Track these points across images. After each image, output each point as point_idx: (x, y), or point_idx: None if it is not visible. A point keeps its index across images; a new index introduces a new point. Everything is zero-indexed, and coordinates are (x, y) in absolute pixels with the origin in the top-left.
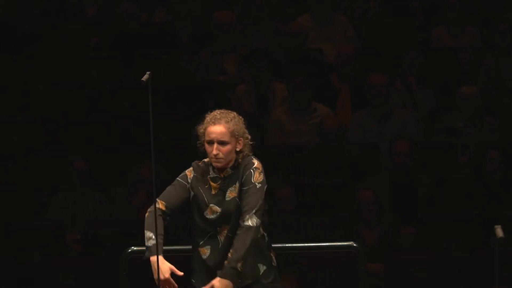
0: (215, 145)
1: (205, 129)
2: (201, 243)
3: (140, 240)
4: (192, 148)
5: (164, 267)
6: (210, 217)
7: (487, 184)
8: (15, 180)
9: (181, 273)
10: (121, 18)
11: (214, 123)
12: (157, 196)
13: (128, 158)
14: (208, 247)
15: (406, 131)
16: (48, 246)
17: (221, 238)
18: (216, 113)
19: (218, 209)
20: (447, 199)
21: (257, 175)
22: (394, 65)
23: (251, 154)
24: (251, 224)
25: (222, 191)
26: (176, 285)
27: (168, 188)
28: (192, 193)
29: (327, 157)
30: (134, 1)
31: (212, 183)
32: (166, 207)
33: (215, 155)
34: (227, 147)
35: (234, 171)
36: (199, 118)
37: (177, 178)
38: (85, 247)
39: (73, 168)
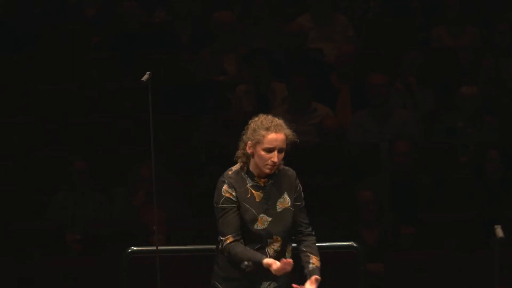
0: (276, 153)
1: (263, 136)
2: None
3: (140, 240)
4: (192, 148)
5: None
6: (260, 227)
7: (487, 184)
8: (15, 180)
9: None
10: (121, 18)
11: (276, 131)
12: (157, 195)
13: (128, 158)
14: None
15: (406, 131)
16: (48, 246)
17: (270, 251)
18: (271, 119)
19: (268, 218)
20: (447, 199)
21: (301, 187)
22: (394, 65)
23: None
24: (315, 237)
25: (266, 200)
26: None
27: (224, 221)
28: (239, 205)
29: (327, 157)
30: (134, 1)
31: (254, 192)
32: (235, 236)
33: (275, 163)
34: (283, 154)
35: (275, 179)
36: (199, 118)
37: (221, 205)
38: (85, 247)
39: (73, 168)
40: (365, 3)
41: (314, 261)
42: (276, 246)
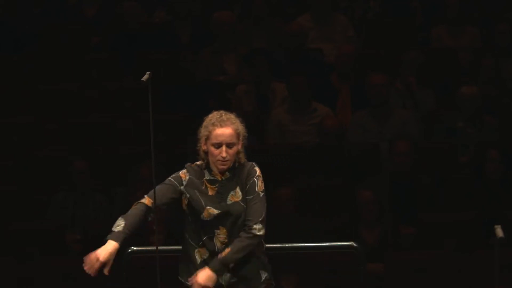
0: (224, 148)
1: (210, 132)
2: (199, 244)
3: (140, 240)
4: (191, 148)
5: (106, 253)
6: (207, 219)
7: (487, 184)
8: (15, 180)
9: (106, 273)
10: (121, 18)
11: (221, 125)
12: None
13: (128, 158)
14: (204, 249)
15: (406, 131)
16: (48, 246)
17: (217, 242)
18: (219, 115)
19: (215, 211)
20: (447, 199)
21: (260, 184)
22: (394, 65)
23: (245, 158)
24: (257, 233)
25: (220, 194)
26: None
27: (158, 187)
28: (187, 195)
29: (327, 157)
30: (134, 1)
31: (209, 185)
32: (152, 204)
33: (224, 158)
34: (234, 149)
35: (232, 174)
36: (199, 118)
37: (169, 178)
38: (85, 247)
39: (73, 168)
40: (365, 3)
41: (223, 253)
42: (222, 238)
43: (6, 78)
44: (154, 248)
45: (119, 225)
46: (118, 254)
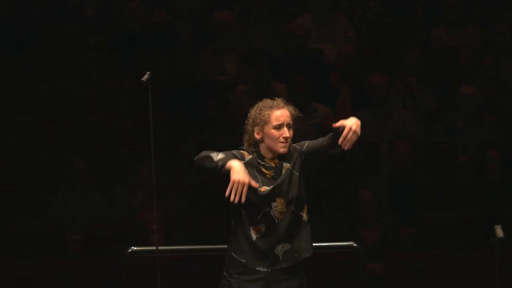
0: (285, 128)
1: (268, 116)
2: (254, 221)
3: (140, 240)
4: (189, 148)
5: (243, 172)
6: (263, 193)
7: (487, 184)
8: (15, 180)
9: (255, 185)
10: (121, 18)
11: (278, 108)
12: (157, 196)
13: (128, 158)
14: (263, 225)
15: (406, 131)
16: (48, 246)
17: (276, 214)
18: (271, 100)
19: (271, 186)
20: (447, 199)
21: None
22: (394, 65)
23: None
24: None
25: (275, 177)
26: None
27: (228, 153)
28: (246, 171)
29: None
30: (134, 1)
31: (265, 170)
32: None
33: (286, 138)
34: (292, 131)
35: (284, 159)
36: (199, 118)
37: (232, 151)
38: (85, 247)
39: (73, 168)
40: (365, 3)
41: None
42: (281, 208)
43: (6, 78)
44: (154, 248)
45: (217, 155)
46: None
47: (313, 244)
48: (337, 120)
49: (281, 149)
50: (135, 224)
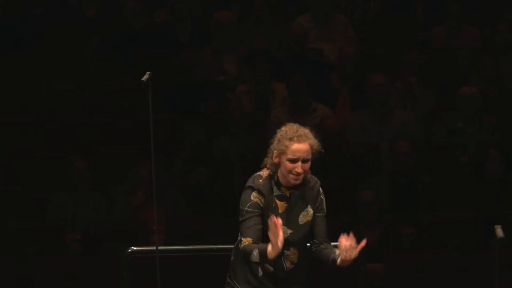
0: (300, 163)
1: (286, 147)
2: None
3: (140, 240)
4: (189, 147)
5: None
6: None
7: (487, 184)
8: (15, 180)
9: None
10: (122, 18)
11: (299, 141)
12: (157, 196)
13: (128, 158)
14: (271, 267)
15: (406, 131)
16: (48, 246)
17: (287, 262)
18: (296, 129)
19: (288, 230)
20: (447, 199)
21: (325, 200)
22: (394, 65)
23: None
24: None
25: (290, 211)
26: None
27: (248, 224)
28: (264, 214)
29: (327, 157)
30: (134, 1)
31: (278, 202)
32: (254, 241)
33: (298, 173)
34: (308, 164)
35: (301, 191)
36: (200, 118)
37: (247, 209)
38: (85, 247)
39: (73, 168)
40: (365, 3)
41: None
42: (293, 258)
43: (6, 78)
44: (154, 248)
45: (261, 249)
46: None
47: None
48: (337, 120)
49: (292, 181)
50: (135, 224)
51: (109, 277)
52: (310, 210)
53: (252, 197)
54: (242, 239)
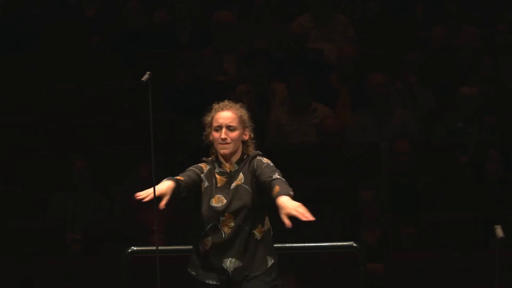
0: (224, 130)
1: (212, 117)
2: (202, 234)
3: (140, 240)
4: (187, 148)
5: (163, 187)
6: (216, 205)
7: (487, 184)
8: (15, 180)
9: (162, 206)
10: (122, 18)
11: (222, 109)
12: (156, 196)
13: (128, 158)
14: (210, 238)
15: (406, 131)
16: (48, 246)
17: (224, 228)
18: (224, 102)
19: (224, 199)
20: (447, 199)
21: (267, 159)
22: (394, 65)
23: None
24: (280, 177)
25: (228, 184)
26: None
27: (186, 172)
28: (205, 183)
29: (327, 157)
30: (134, 1)
31: (218, 177)
32: (184, 181)
33: (224, 139)
34: (235, 133)
35: (240, 166)
36: (199, 118)
37: (192, 167)
38: (85, 247)
39: (73, 168)
40: (365, 3)
41: (277, 190)
42: (229, 222)
43: (6, 78)
44: (154, 248)
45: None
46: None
47: (313, 244)
48: (337, 120)
49: (221, 150)
50: (135, 224)
51: (109, 277)
52: (241, 175)
53: (200, 164)
54: (178, 177)
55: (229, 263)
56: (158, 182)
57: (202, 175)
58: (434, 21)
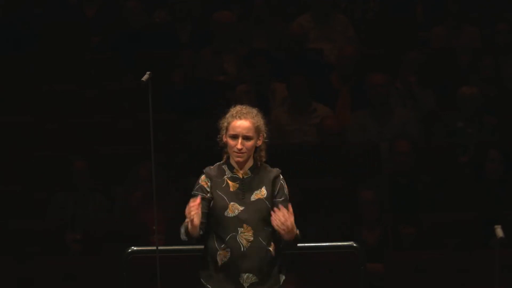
0: (240, 140)
1: (229, 124)
2: (221, 246)
3: (140, 240)
4: (187, 147)
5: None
6: (230, 215)
7: (487, 184)
8: (15, 180)
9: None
10: (122, 18)
11: (239, 118)
12: (157, 195)
13: (128, 158)
14: (228, 249)
15: (406, 131)
16: (48, 246)
17: (243, 240)
18: (241, 108)
19: (239, 207)
20: (447, 199)
21: (287, 188)
22: (394, 65)
23: (265, 158)
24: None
25: (242, 191)
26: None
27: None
28: (215, 198)
29: (327, 157)
30: (134, 1)
31: (230, 182)
32: (202, 224)
33: (239, 150)
34: (250, 142)
35: (255, 173)
36: (199, 118)
37: (194, 192)
38: (85, 247)
39: (73, 168)
40: (365, 3)
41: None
42: (247, 235)
43: (6, 78)
44: (154, 248)
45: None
46: None
47: (313, 244)
48: (337, 120)
49: (235, 158)
50: (135, 224)
51: (109, 277)
52: (263, 190)
53: (200, 181)
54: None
55: (246, 278)
56: (158, 182)
57: (208, 195)
58: (434, 21)
